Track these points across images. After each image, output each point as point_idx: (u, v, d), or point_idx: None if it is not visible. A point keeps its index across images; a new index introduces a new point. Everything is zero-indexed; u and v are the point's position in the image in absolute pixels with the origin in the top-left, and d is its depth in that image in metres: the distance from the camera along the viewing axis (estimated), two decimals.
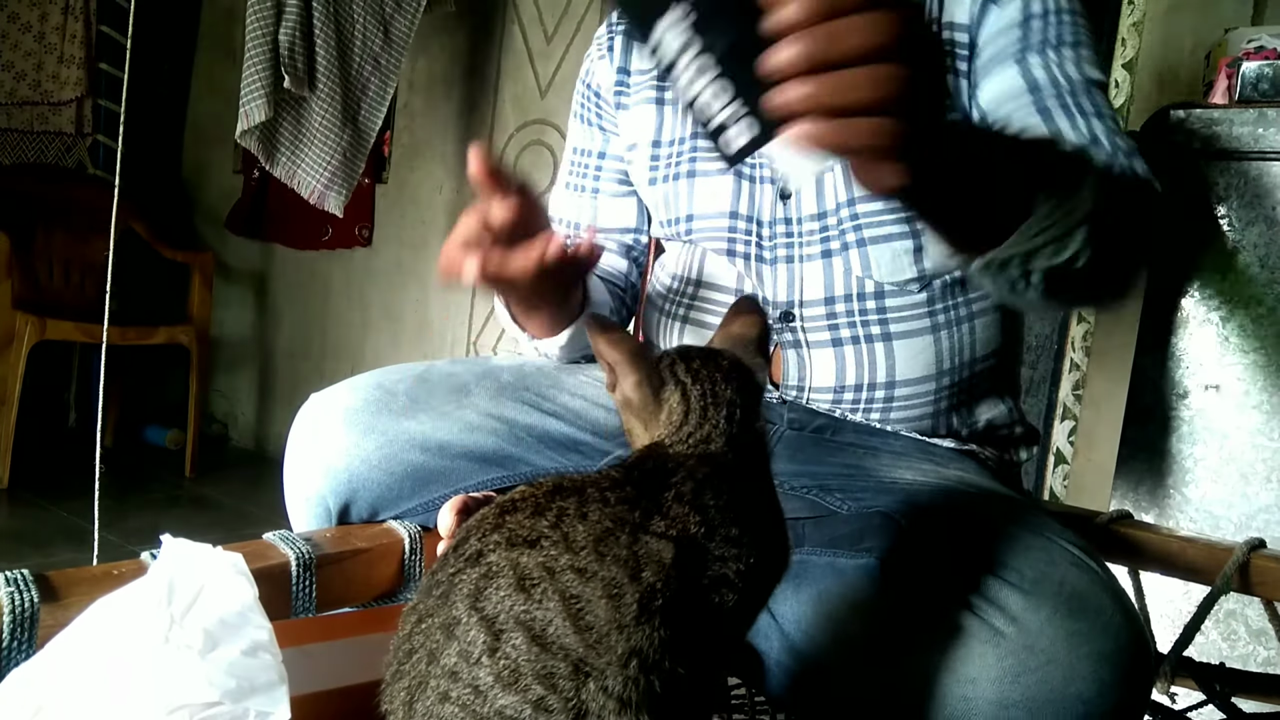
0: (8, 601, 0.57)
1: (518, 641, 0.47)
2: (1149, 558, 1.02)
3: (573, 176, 1.12)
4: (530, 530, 0.50)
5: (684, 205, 0.97)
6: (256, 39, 2.46)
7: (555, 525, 0.50)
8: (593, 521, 0.50)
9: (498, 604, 0.48)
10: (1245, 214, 1.38)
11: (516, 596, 0.48)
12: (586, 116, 1.10)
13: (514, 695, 0.47)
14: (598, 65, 1.07)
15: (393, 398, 0.85)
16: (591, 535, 0.49)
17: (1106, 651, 0.63)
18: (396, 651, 0.53)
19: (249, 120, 2.48)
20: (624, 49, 1.04)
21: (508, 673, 0.47)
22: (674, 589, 0.49)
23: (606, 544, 0.49)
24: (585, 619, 0.47)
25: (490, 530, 0.51)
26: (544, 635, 0.47)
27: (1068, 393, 2.19)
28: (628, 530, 0.50)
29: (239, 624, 0.54)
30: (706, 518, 0.52)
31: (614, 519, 0.50)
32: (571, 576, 0.48)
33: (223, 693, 0.49)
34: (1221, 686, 1.00)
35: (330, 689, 0.63)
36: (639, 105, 1.02)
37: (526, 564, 0.49)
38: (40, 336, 2.70)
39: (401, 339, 3.11)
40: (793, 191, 0.91)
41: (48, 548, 2.31)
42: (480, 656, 0.47)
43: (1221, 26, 1.67)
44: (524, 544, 0.50)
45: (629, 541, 0.49)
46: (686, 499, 0.52)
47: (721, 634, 0.53)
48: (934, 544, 0.72)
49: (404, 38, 2.69)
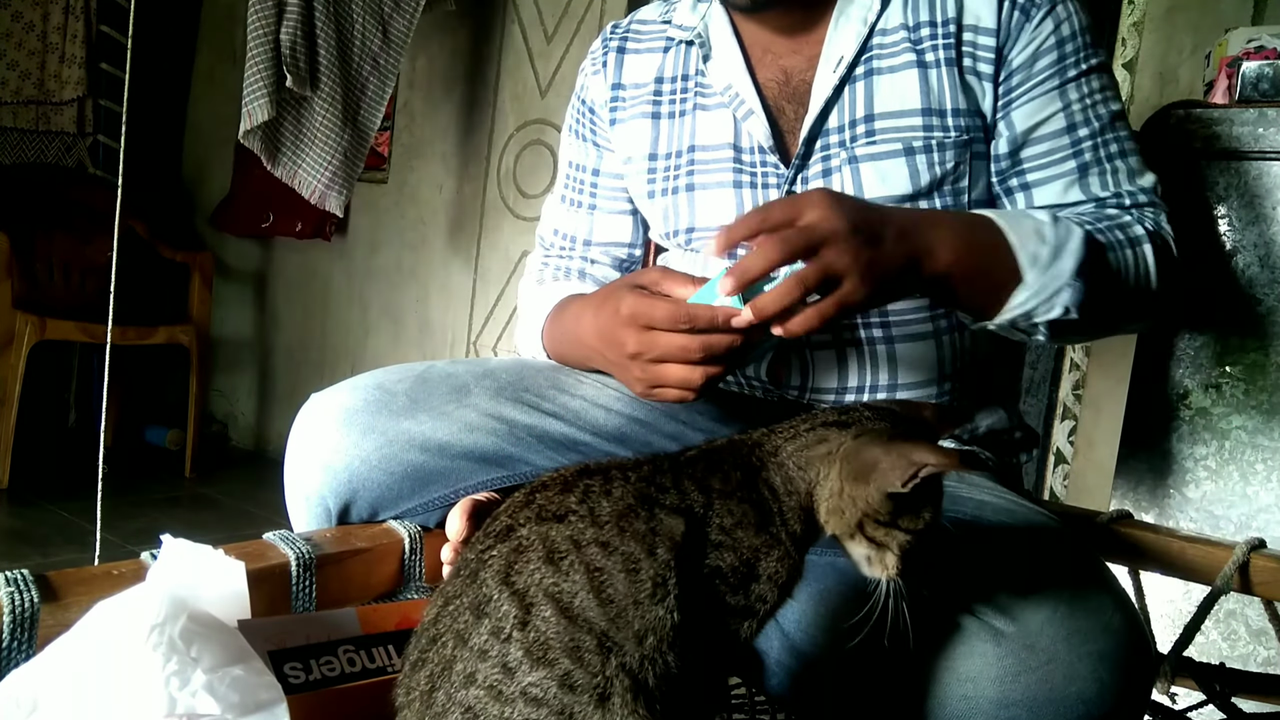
0: (8, 601, 0.57)
1: (548, 614, 0.49)
2: (1149, 558, 1.02)
3: (568, 191, 1.12)
4: (559, 506, 0.52)
5: (684, 218, 0.97)
6: (258, 39, 2.46)
7: (582, 500, 0.52)
8: (616, 498, 0.52)
9: (528, 577, 0.50)
10: (1245, 214, 1.38)
11: (546, 569, 0.50)
12: (581, 132, 1.10)
13: (542, 671, 0.48)
14: (592, 80, 1.07)
15: (392, 398, 0.85)
16: (615, 511, 0.52)
17: (1106, 651, 0.63)
18: (419, 640, 0.54)
19: (252, 120, 2.48)
20: (618, 64, 1.04)
21: (538, 646, 0.48)
22: (684, 571, 0.51)
23: (627, 519, 0.51)
24: (606, 592, 0.49)
25: (521, 507, 0.54)
26: (571, 608, 0.49)
27: (1068, 393, 2.19)
28: (646, 507, 0.52)
29: (240, 641, 0.54)
30: (708, 499, 0.53)
31: (636, 495, 0.52)
32: (596, 550, 0.50)
33: (225, 707, 0.50)
34: (1221, 686, 1.00)
35: (330, 689, 0.62)
36: (634, 119, 1.01)
37: (555, 537, 0.51)
38: (40, 336, 2.70)
39: (401, 339, 3.11)
40: (798, 192, 0.91)
41: (48, 548, 2.31)
42: (512, 631, 0.49)
43: (1221, 26, 1.67)
44: (553, 518, 0.52)
45: (647, 517, 0.51)
46: (696, 478, 0.54)
47: (723, 632, 0.53)
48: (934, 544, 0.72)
49: (402, 37, 2.69)
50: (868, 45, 0.90)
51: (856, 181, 0.88)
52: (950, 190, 0.89)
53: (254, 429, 3.56)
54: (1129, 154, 0.90)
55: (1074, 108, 0.89)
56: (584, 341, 0.87)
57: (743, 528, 0.53)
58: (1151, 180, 0.91)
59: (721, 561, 0.53)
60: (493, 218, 2.86)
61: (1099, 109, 0.90)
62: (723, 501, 0.54)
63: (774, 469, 0.56)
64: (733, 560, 0.53)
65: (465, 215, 2.93)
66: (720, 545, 0.53)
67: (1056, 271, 0.78)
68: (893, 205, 0.83)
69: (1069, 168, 0.89)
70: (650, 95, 1.01)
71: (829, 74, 0.89)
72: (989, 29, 0.88)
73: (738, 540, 0.53)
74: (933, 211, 0.86)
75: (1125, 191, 0.89)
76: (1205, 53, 1.70)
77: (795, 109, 0.92)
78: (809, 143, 0.90)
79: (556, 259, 1.13)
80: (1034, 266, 0.78)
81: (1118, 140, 0.90)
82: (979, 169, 0.90)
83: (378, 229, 3.18)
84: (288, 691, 0.56)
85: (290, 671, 0.61)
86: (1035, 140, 0.89)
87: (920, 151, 0.87)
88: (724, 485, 0.55)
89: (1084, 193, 0.89)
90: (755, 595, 0.54)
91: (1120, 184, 0.89)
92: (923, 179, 0.87)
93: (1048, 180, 0.90)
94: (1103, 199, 0.89)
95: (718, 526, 0.53)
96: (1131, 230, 0.85)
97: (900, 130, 0.88)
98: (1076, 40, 0.89)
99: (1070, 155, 0.89)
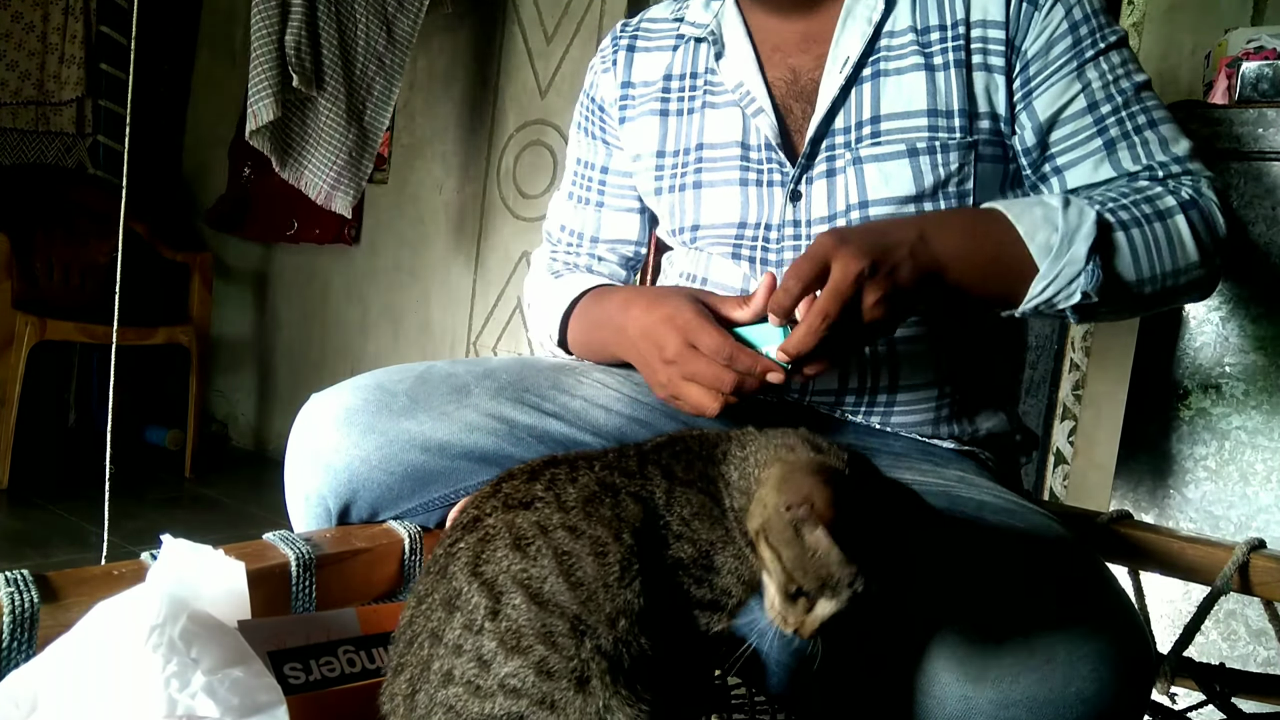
0: (8, 602, 0.57)
1: (517, 601, 0.49)
2: (1149, 558, 1.02)
3: (576, 188, 1.12)
4: (525, 493, 0.53)
5: (690, 215, 0.97)
6: (262, 39, 2.46)
7: (549, 488, 0.52)
8: (582, 485, 0.52)
9: (496, 566, 0.50)
10: (1245, 214, 1.38)
11: (514, 556, 0.50)
12: (590, 129, 1.10)
13: (517, 659, 0.48)
14: (602, 79, 1.07)
15: (393, 398, 0.85)
16: (581, 496, 0.52)
17: (1106, 651, 0.63)
18: (397, 644, 0.53)
19: (257, 120, 2.48)
20: (627, 62, 1.04)
21: (510, 635, 0.48)
22: (649, 557, 0.51)
23: (593, 504, 0.51)
24: (576, 575, 0.49)
25: (487, 497, 0.54)
26: (540, 593, 0.49)
27: (1068, 393, 2.19)
28: (611, 493, 0.52)
29: (240, 642, 0.54)
30: (671, 485, 0.53)
31: (600, 482, 0.53)
32: (563, 534, 0.50)
33: (224, 708, 0.49)
34: (1221, 686, 1.00)
35: (330, 690, 0.62)
36: (643, 117, 1.02)
37: (521, 524, 0.51)
38: (40, 337, 2.70)
39: (401, 339, 3.11)
40: (803, 193, 0.91)
41: (48, 548, 2.31)
42: (483, 623, 0.49)
43: (1221, 26, 1.67)
44: (519, 506, 0.52)
45: (612, 503, 0.51)
46: (661, 463, 0.54)
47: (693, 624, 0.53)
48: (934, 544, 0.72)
49: (407, 37, 2.69)
50: (875, 47, 0.90)
51: (860, 182, 0.88)
52: (955, 192, 0.89)
53: (254, 429, 3.56)
54: (1159, 124, 0.89)
55: (1094, 86, 0.88)
56: (623, 329, 0.88)
57: (699, 519, 0.53)
58: (1186, 147, 0.89)
59: (682, 553, 0.52)
60: (493, 218, 2.86)
61: (1121, 83, 0.89)
62: (683, 490, 0.54)
63: (733, 465, 0.55)
64: (692, 552, 0.53)
65: (465, 215, 2.93)
66: (680, 536, 0.53)
67: (1072, 258, 0.78)
68: (897, 220, 0.84)
69: (1095, 146, 0.88)
70: (659, 93, 1.01)
71: (835, 74, 0.90)
72: (998, 22, 0.88)
73: (695, 531, 0.53)
74: (939, 215, 0.86)
75: (1158, 163, 0.88)
76: (1205, 53, 1.70)
77: (803, 108, 0.93)
78: (815, 142, 0.90)
79: (564, 254, 1.13)
80: (1047, 255, 0.78)
81: (1144, 111, 0.89)
82: (985, 171, 0.90)
83: (378, 229, 3.18)
84: (287, 692, 0.56)
85: (290, 672, 0.61)
86: (1060, 124, 0.89)
87: (924, 153, 0.87)
88: (685, 474, 0.54)
89: (1115, 169, 0.88)
90: (719, 589, 0.53)
91: (1153, 155, 0.88)
92: (926, 180, 0.87)
93: (1077, 161, 0.89)
94: (1134, 173, 0.88)
95: (678, 516, 0.53)
96: (1161, 202, 0.84)
97: (905, 131, 0.88)
98: (1090, 22, 0.89)
99: (1096, 133, 0.88)
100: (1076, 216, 0.79)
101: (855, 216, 0.89)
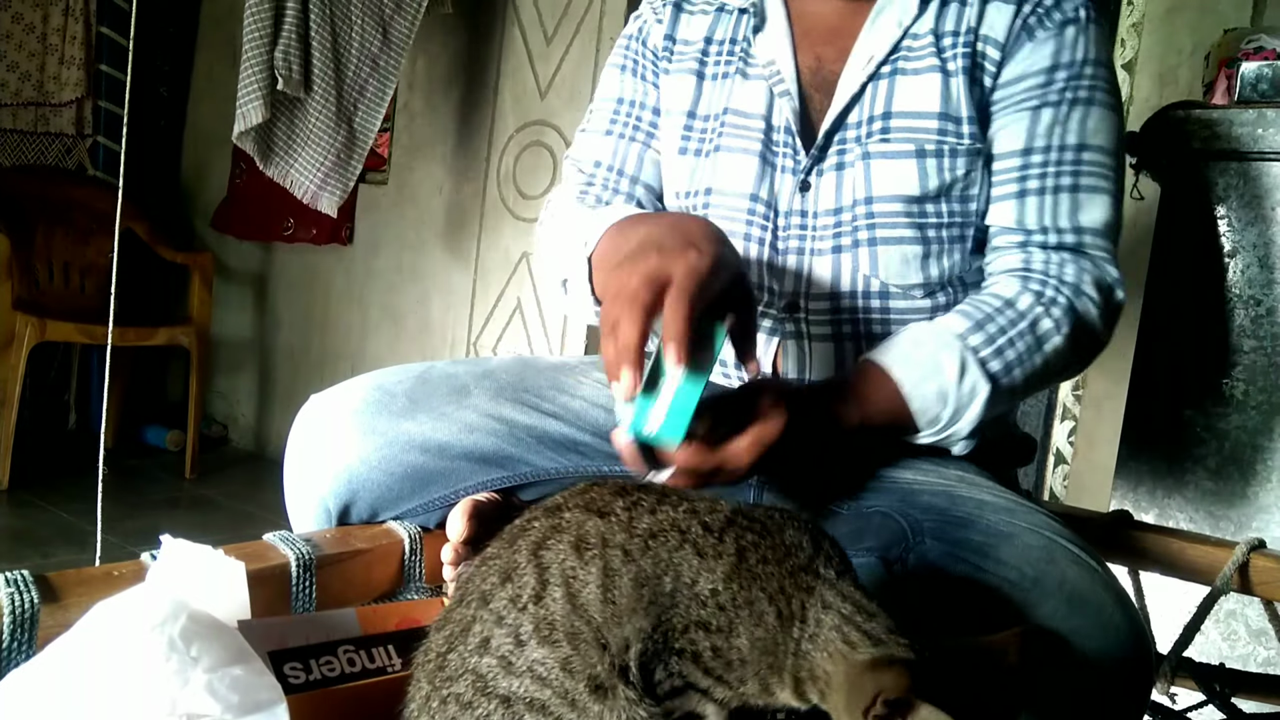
0: (8, 602, 0.57)
1: (557, 595, 0.51)
2: (1149, 558, 1.02)
3: (615, 125, 1.05)
4: (606, 505, 0.55)
5: (705, 178, 0.97)
6: (254, 41, 2.47)
7: (628, 509, 0.55)
8: (658, 518, 0.54)
9: (553, 555, 0.53)
10: (1245, 214, 1.38)
11: (571, 553, 0.53)
12: (638, 70, 1.06)
13: (546, 649, 0.50)
14: (653, 26, 1.05)
15: (392, 398, 0.85)
16: (650, 529, 0.54)
17: (1106, 650, 0.63)
18: (455, 595, 0.56)
19: (246, 122, 2.49)
20: (674, 19, 1.04)
21: (545, 624, 0.51)
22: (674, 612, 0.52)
23: (656, 540, 0.53)
24: (612, 594, 0.51)
25: (578, 493, 0.57)
26: (577, 596, 0.51)
27: (1068, 393, 2.19)
28: (678, 535, 0.54)
29: (240, 641, 0.54)
30: (734, 568, 0.53)
31: (673, 523, 0.54)
32: (617, 554, 0.52)
33: (224, 707, 0.50)
34: (1221, 686, 1.00)
35: (330, 689, 0.63)
36: (681, 74, 1.01)
37: (589, 529, 0.54)
38: (40, 337, 2.70)
39: (401, 339, 3.11)
40: (812, 184, 0.91)
41: (48, 548, 2.31)
42: (527, 603, 0.52)
43: (1221, 27, 1.68)
44: (596, 513, 0.55)
45: (673, 548, 0.53)
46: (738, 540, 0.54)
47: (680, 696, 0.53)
48: (933, 543, 0.72)
49: (404, 39, 2.69)
50: (898, 46, 0.91)
51: (867, 179, 0.89)
52: (959, 196, 0.89)
53: (254, 430, 3.56)
54: (1083, 190, 0.88)
55: (1038, 131, 0.88)
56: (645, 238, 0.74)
57: (745, 625, 0.51)
58: (1098, 220, 0.88)
59: (704, 644, 0.51)
60: (492, 219, 2.86)
61: (1067, 138, 0.88)
62: (745, 582, 0.51)
63: (815, 605, 0.51)
64: (709, 644, 0.51)
65: (465, 216, 2.93)
66: (709, 627, 0.51)
67: (953, 430, 0.83)
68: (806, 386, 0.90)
69: (1011, 190, 0.89)
70: (698, 54, 1.01)
71: (857, 70, 0.90)
72: (998, 42, 0.89)
73: (733, 640, 0.51)
74: (837, 390, 0.84)
75: (1056, 228, 0.88)
76: (1204, 53, 1.70)
77: (821, 99, 0.93)
78: (829, 135, 0.91)
79: (600, 190, 1.04)
80: (931, 427, 0.83)
81: (1074, 174, 0.88)
82: (989, 179, 0.91)
83: (377, 230, 3.18)
84: (288, 691, 0.56)
85: (290, 672, 0.61)
86: (997, 158, 0.90)
87: (931, 155, 0.88)
88: (758, 565, 0.52)
89: (1016, 219, 0.89)
90: (722, 682, 0.52)
91: (1057, 219, 0.88)
92: (931, 182, 0.88)
93: (996, 200, 0.90)
94: (1030, 231, 0.88)
95: (726, 600, 0.51)
96: (1040, 327, 0.84)
97: (914, 131, 0.88)
98: (1073, 69, 0.88)
99: (1018, 178, 0.89)
100: (969, 394, 0.82)
101: (861, 212, 0.89)
